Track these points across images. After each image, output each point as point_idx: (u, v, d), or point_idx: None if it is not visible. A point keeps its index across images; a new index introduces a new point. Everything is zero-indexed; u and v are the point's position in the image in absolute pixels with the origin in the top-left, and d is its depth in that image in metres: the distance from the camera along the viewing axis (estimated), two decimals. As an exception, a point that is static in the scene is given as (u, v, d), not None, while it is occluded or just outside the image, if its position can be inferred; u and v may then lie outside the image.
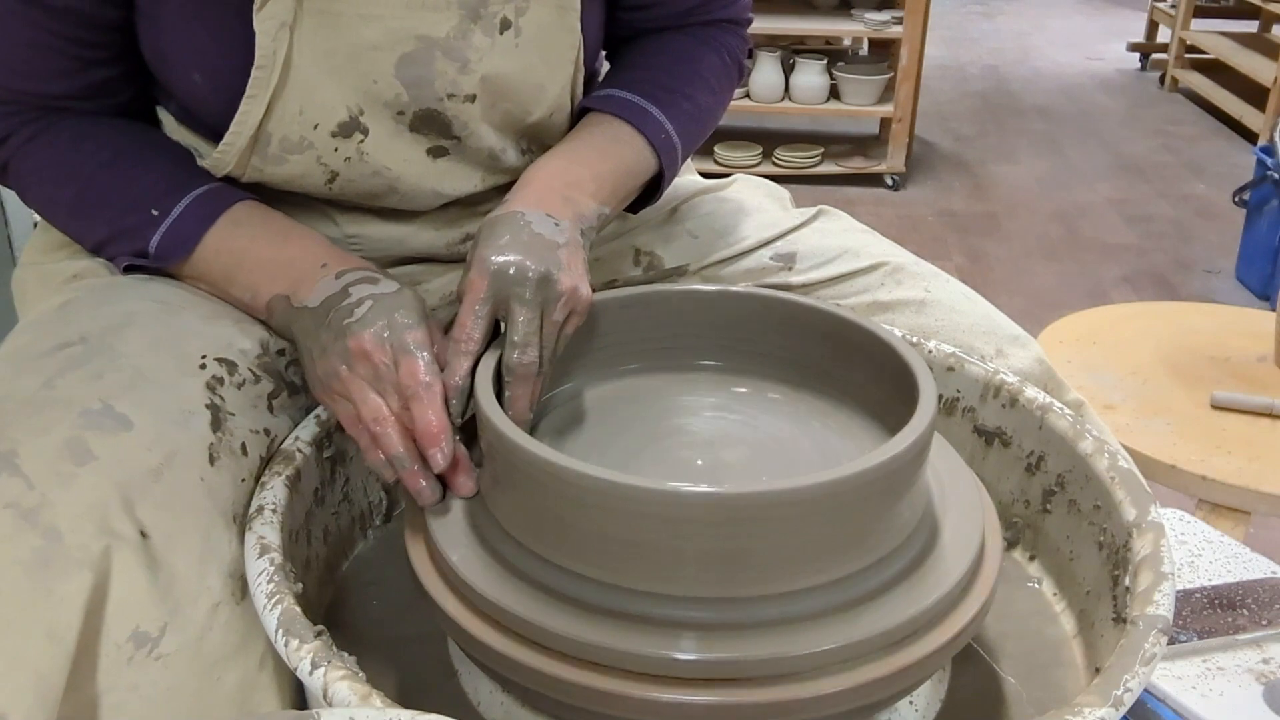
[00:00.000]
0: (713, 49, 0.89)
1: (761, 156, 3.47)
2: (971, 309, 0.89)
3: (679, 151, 0.85)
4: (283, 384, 0.75)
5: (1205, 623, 0.80)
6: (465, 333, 0.68)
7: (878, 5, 3.50)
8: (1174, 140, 4.07)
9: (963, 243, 3.11)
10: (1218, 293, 2.80)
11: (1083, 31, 5.80)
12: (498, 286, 0.68)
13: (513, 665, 0.58)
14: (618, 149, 0.81)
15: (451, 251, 0.89)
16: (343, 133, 0.77)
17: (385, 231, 0.86)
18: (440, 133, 0.80)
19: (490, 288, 0.68)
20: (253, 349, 0.74)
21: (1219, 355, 1.46)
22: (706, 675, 0.56)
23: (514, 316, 0.68)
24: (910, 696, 0.65)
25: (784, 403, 0.77)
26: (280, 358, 0.76)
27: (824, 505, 0.56)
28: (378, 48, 0.74)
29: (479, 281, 0.68)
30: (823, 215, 0.96)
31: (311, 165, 0.78)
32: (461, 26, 0.75)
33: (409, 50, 0.75)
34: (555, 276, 0.69)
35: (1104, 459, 0.73)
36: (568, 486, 0.57)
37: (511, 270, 0.68)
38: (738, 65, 0.92)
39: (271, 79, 0.73)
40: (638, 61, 0.88)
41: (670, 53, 0.88)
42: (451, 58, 0.76)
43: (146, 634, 0.60)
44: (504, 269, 0.68)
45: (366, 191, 0.82)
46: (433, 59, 0.76)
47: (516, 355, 0.67)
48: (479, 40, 0.76)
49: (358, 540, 0.80)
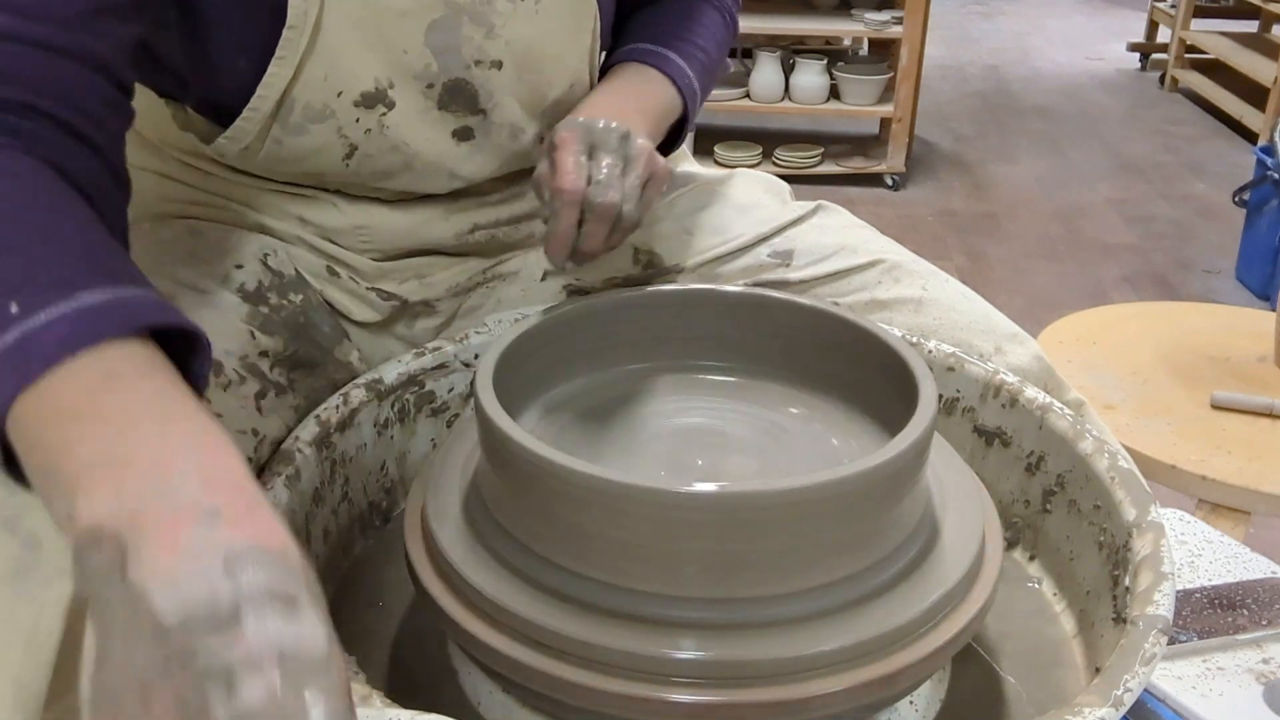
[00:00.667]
0: (713, 5, 0.95)
1: (761, 156, 3.47)
2: (969, 307, 0.89)
3: (698, 96, 0.90)
4: (269, 384, 0.75)
5: (1205, 623, 0.80)
6: (570, 180, 0.74)
7: (878, 5, 3.50)
8: (1174, 140, 4.07)
9: (963, 242, 3.11)
10: (1218, 293, 2.80)
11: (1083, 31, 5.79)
12: (587, 137, 0.76)
13: (513, 665, 0.58)
14: (651, 89, 0.87)
15: (460, 242, 0.88)
16: (365, 103, 0.77)
17: (393, 221, 0.86)
18: (468, 107, 0.81)
19: (580, 138, 0.76)
20: (236, 349, 0.74)
21: (1219, 355, 1.45)
22: (706, 675, 0.56)
23: (598, 161, 0.75)
24: (910, 696, 0.65)
25: (784, 403, 0.77)
26: (264, 358, 0.76)
27: (824, 505, 0.56)
28: (406, 14, 0.75)
29: (569, 135, 0.76)
30: (821, 210, 0.97)
31: (331, 137, 0.78)
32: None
33: (437, 17, 0.76)
34: (633, 137, 0.77)
35: (1104, 459, 0.73)
36: (568, 486, 0.57)
37: (599, 124, 0.77)
38: (734, 21, 0.98)
39: (301, 41, 0.73)
40: (649, 20, 0.92)
41: (677, 10, 0.93)
42: (478, 23, 0.78)
43: None
44: (591, 123, 0.77)
45: (382, 169, 0.81)
46: (460, 24, 0.77)
47: (600, 193, 0.74)
48: (502, 6, 0.78)
49: (358, 540, 0.80)
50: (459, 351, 0.85)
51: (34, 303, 0.46)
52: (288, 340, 0.78)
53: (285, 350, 0.77)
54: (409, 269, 0.87)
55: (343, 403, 0.77)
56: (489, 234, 0.89)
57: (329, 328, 0.82)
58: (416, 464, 0.84)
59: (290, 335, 0.78)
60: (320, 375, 0.80)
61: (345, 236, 0.85)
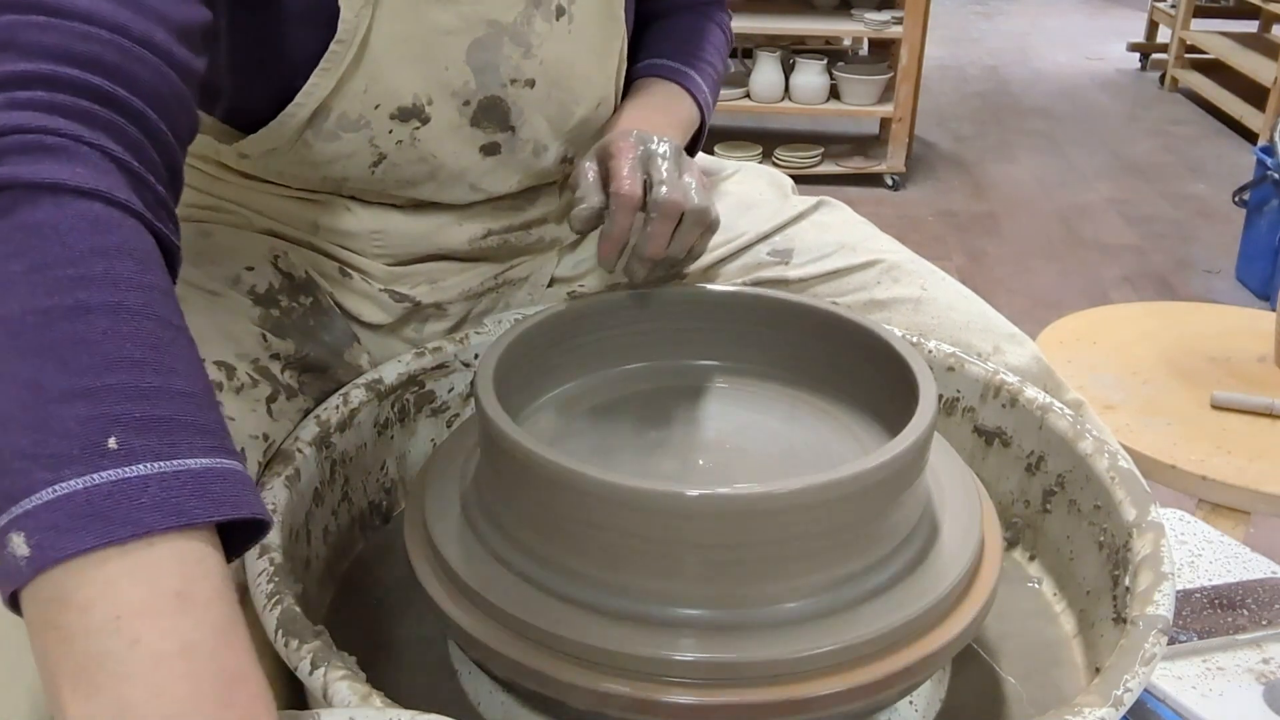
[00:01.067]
0: (714, 23, 0.99)
1: (761, 156, 3.47)
2: (968, 307, 0.89)
3: (710, 108, 0.95)
4: (280, 388, 0.74)
5: (1205, 623, 0.80)
6: (629, 186, 0.74)
7: (878, 5, 3.50)
8: (1174, 140, 4.07)
9: (962, 242, 3.11)
10: (1218, 293, 2.80)
11: (1083, 31, 5.80)
12: (643, 147, 0.77)
13: (512, 665, 0.58)
14: (676, 104, 0.91)
15: (473, 247, 0.88)
16: (401, 116, 0.78)
17: (408, 226, 0.85)
18: (499, 124, 0.81)
19: (637, 146, 0.77)
20: (248, 352, 0.74)
21: (1219, 355, 1.45)
22: (706, 676, 0.56)
23: (657, 165, 0.76)
24: (910, 697, 0.65)
25: (785, 403, 0.77)
26: (275, 361, 0.75)
27: (824, 506, 0.56)
28: (451, 32, 0.76)
29: (626, 143, 0.77)
30: (823, 207, 0.97)
31: (363, 145, 0.78)
32: (526, 12, 0.79)
33: (480, 35, 0.77)
34: (684, 155, 0.78)
35: (1104, 459, 0.73)
36: (568, 487, 0.57)
37: (654, 136, 0.78)
38: (729, 36, 1.03)
39: (348, 55, 0.73)
40: (663, 36, 0.96)
41: (685, 28, 0.97)
42: (517, 43, 0.79)
43: None
44: (645, 135, 0.78)
45: (407, 178, 0.82)
46: (500, 44, 0.78)
47: (665, 192, 0.74)
48: (540, 26, 0.80)
49: (358, 540, 0.80)
50: (459, 351, 0.85)
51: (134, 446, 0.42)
52: (298, 343, 0.78)
53: (296, 353, 0.77)
54: (421, 274, 0.87)
55: (343, 403, 0.77)
56: (501, 239, 0.89)
57: (339, 331, 0.82)
58: (416, 464, 0.84)
59: (301, 338, 0.78)
60: (330, 378, 0.80)
61: (360, 241, 0.85)
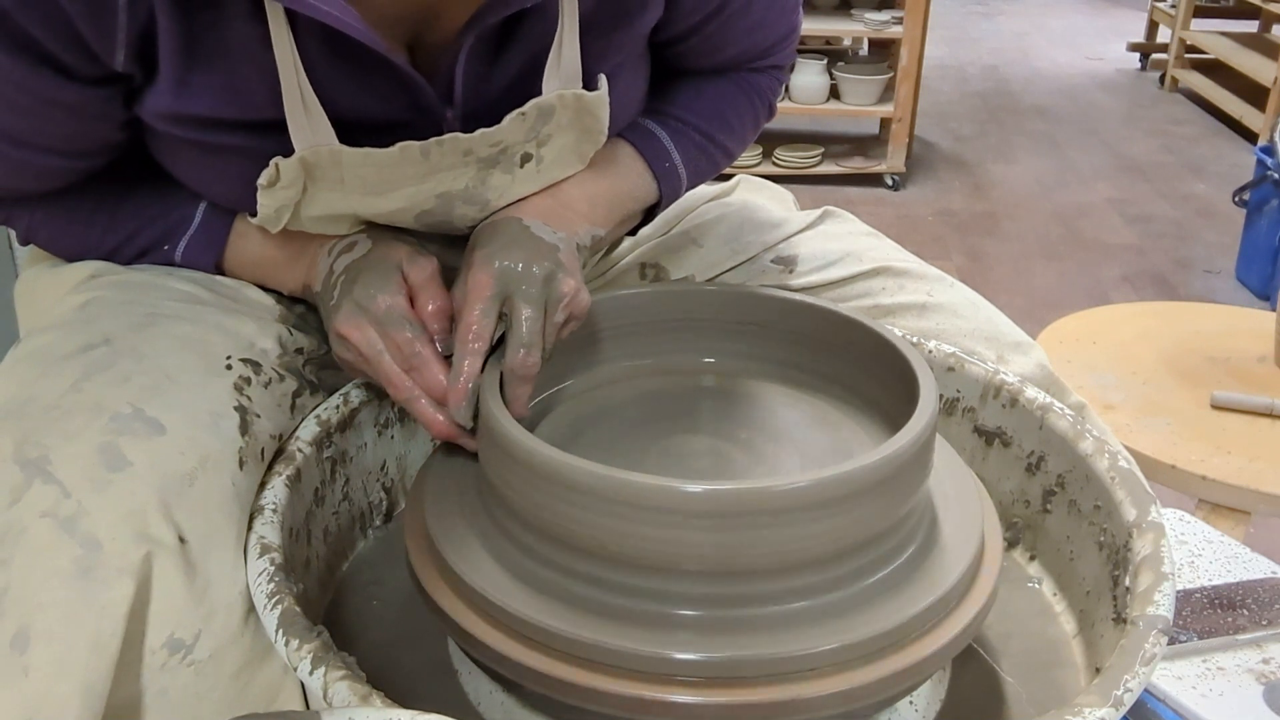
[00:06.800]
0: (743, 90, 0.89)
1: (761, 156, 3.47)
2: (974, 314, 0.88)
3: (683, 182, 0.85)
4: (304, 383, 0.75)
5: (1205, 623, 0.80)
6: (474, 332, 0.67)
7: (878, 5, 3.50)
8: (1174, 140, 4.07)
9: (963, 243, 3.11)
10: (1218, 293, 2.80)
11: (1083, 31, 5.80)
12: (503, 284, 0.68)
13: (512, 665, 0.58)
14: (614, 170, 0.81)
15: None
16: None
17: None
18: None
19: (496, 285, 0.68)
20: (274, 348, 0.74)
21: (1219, 355, 1.46)
22: (705, 675, 0.56)
23: (518, 315, 0.67)
24: (910, 696, 0.65)
25: (785, 401, 0.77)
26: (299, 356, 0.76)
27: (824, 504, 0.56)
28: (397, 212, 0.74)
29: (485, 280, 0.68)
30: (828, 217, 0.96)
31: (342, 228, 0.77)
32: (479, 175, 0.73)
33: (429, 207, 0.74)
34: (558, 277, 0.69)
35: (1104, 459, 0.73)
36: (568, 484, 0.57)
37: (519, 268, 0.68)
38: (767, 107, 0.91)
39: (281, 220, 0.72)
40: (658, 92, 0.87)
41: (695, 89, 0.88)
42: (471, 203, 0.75)
43: (181, 641, 0.59)
44: (510, 268, 0.68)
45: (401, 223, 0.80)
46: (453, 208, 0.75)
47: (522, 355, 0.66)
48: (498, 180, 0.74)
49: (358, 540, 0.80)
50: (459, 351, 0.85)
51: None
52: (320, 340, 0.79)
53: (318, 350, 0.78)
54: None
55: (343, 403, 0.77)
56: None
57: None
58: (416, 464, 0.84)
59: (322, 335, 0.78)
60: (347, 376, 0.80)
61: None
